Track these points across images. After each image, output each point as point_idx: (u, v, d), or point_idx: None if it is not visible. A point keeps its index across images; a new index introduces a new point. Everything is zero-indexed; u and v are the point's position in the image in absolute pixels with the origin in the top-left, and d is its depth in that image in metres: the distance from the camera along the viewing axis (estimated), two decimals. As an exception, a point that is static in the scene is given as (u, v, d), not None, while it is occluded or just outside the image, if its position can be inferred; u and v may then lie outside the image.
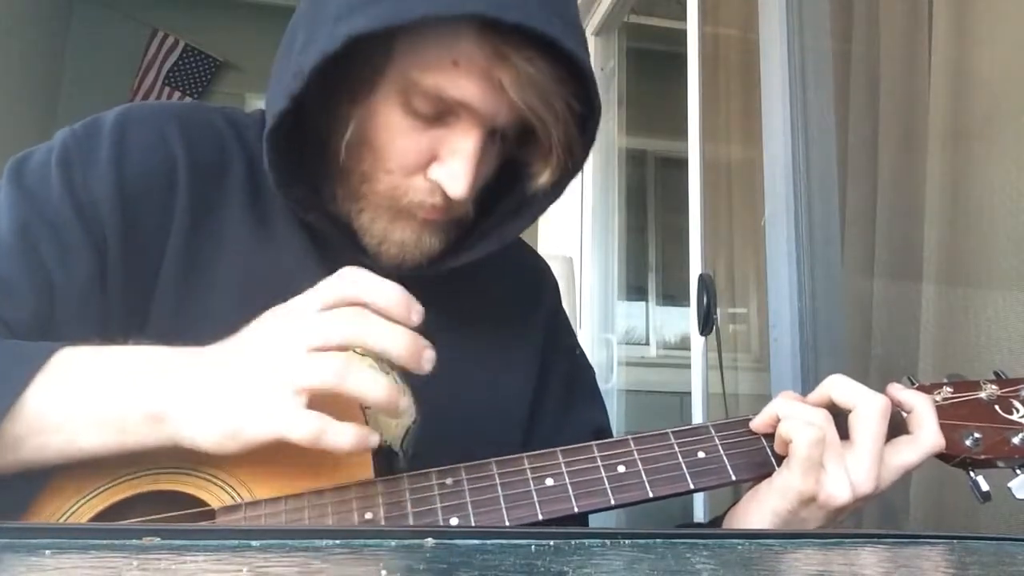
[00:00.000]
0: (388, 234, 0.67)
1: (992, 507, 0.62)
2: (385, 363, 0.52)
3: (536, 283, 0.85)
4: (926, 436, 0.61)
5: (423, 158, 0.64)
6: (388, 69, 0.62)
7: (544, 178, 0.67)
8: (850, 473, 0.58)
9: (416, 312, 0.53)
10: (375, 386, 0.50)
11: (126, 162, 0.64)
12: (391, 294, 0.52)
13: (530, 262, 0.87)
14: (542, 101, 0.61)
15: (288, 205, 0.68)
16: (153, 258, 0.64)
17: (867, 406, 0.60)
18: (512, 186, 0.71)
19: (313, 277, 0.68)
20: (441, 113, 0.62)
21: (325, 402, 0.51)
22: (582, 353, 0.87)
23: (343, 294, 0.52)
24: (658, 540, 0.40)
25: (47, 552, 0.32)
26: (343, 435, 0.50)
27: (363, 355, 0.52)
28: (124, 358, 0.55)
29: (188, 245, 0.65)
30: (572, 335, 0.87)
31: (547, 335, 0.81)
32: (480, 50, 0.59)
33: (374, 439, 0.52)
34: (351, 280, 0.53)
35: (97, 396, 0.53)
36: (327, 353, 0.50)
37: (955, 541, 0.47)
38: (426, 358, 0.52)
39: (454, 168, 0.63)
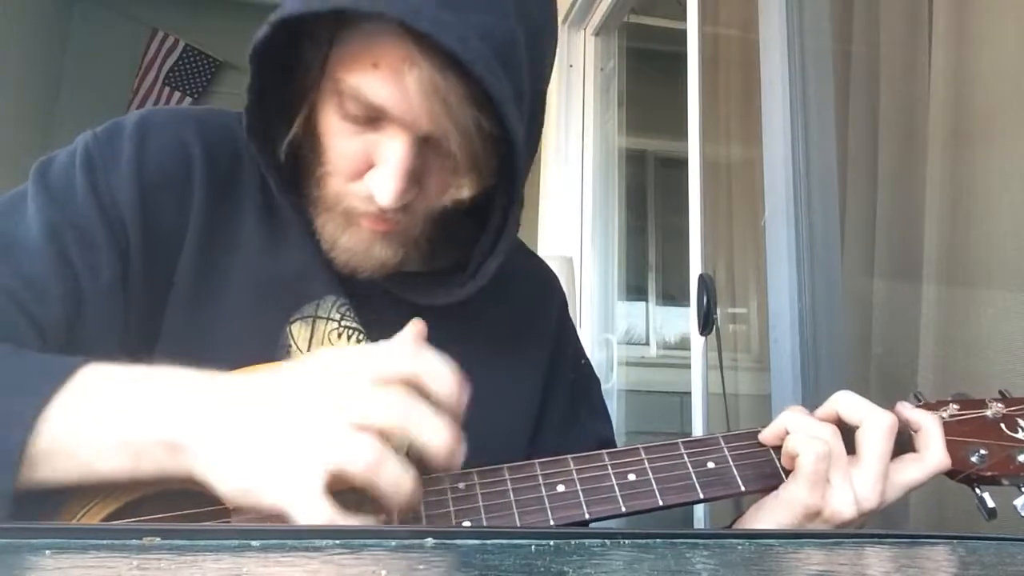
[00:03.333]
0: (337, 239, 0.67)
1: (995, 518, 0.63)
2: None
3: (544, 293, 0.85)
4: (932, 456, 0.61)
5: (360, 163, 0.63)
6: (324, 70, 0.62)
7: (462, 193, 0.65)
8: (855, 489, 0.59)
9: (464, 400, 0.52)
10: (400, 489, 0.49)
11: (146, 163, 0.65)
12: (447, 380, 0.51)
13: (538, 271, 0.87)
14: (446, 113, 0.59)
15: (294, 209, 0.68)
16: (170, 258, 0.65)
17: (874, 423, 0.61)
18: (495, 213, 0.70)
19: (324, 281, 0.68)
20: (370, 118, 0.62)
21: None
22: (588, 363, 0.86)
23: (400, 370, 0.50)
24: (658, 540, 0.40)
25: (47, 552, 0.32)
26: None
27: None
28: (149, 381, 0.54)
29: (203, 246, 0.66)
30: (579, 345, 0.87)
31: (554, 346, 0.81)
32: (396, 52, 0.58)
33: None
34: (410, 356, 0.51)
35: (116, 420, 0.52)
36: (364, 437, 0.48)
37: (955, 541, 0.47)
38: (458, 457, 0.51)
39: (382, 175, 0.62)
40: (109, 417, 0.52)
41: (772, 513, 0.60)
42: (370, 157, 0.63)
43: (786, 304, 1.47)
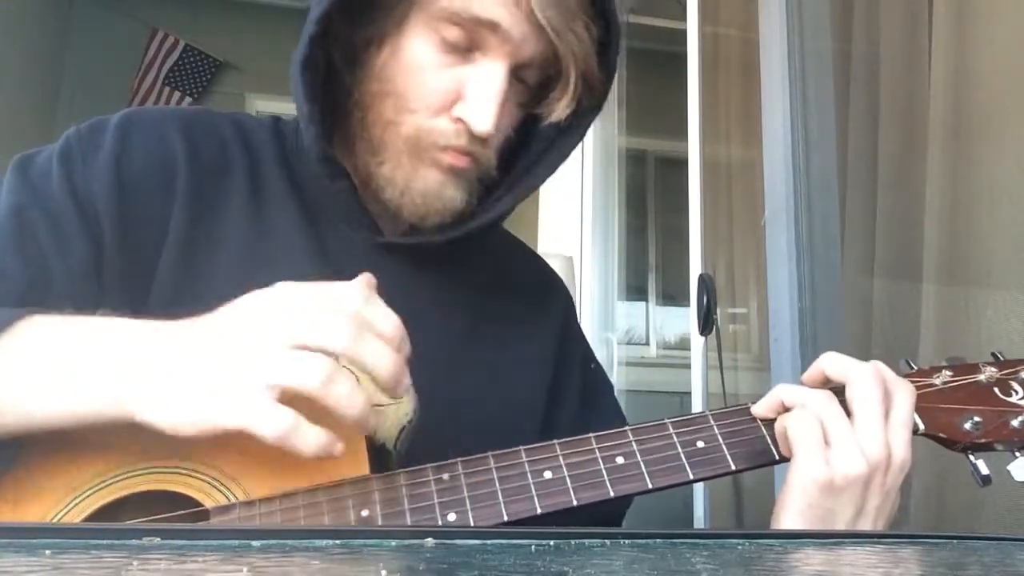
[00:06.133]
0: (410, 182, 0.67)
1: (991, 505, 0.62)
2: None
3: (549, 292, 0.86)
4: (899, 388, 0.60)
5: (448, 96, 0.64)
6: (416, 2, 0.63)
7: (561, 107, 0.66)
8: (859, 442, 0.57)
9: (405, 348, 0.52)
10: (352, 403, 0.49)
11: (126, 159, 0.65)
12: (391, 319, 0.51)
13: (543, 272, 0.88)
14: (566, 22, 0.61)
15: (320, 168, 0.68)
16: (151, 254, 0.65)
17: (858, 375, 0.60)
18: (529, 143, 0.71)
19: (314, 274, 0.68)
20: (469, 46, 0.63)
21: (303, 400, 0.49)
22: (599, 367, 0.86)
23: (349, 306, 0.51)
24: (658, 540, 0.40)
25: (47, 552, 0.32)
26: (309, 439, 0.49)
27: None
28: (89, 328, 0.54)
29: (187, 241, 0.66)
30: (588, 349, 0.87)
31: (560, 341, 0.81)
32: None
33: (338, 447, 0.50)
34: (357, 294, 0.52)
35: (56, 366, 0.52)
36: (314, 355, 0.49)
37: (955, 541, 0.47)
38: (403, 387, 0.51)
39: (480, 102, 0.63)
40: (49, 365, 0.52)
41: (789, 501, 0.58)
42: (460, 89, 0.64)
43: (786, 304, 1.47)
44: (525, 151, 0.72)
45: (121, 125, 0.67)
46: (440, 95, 0.64)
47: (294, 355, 0.49)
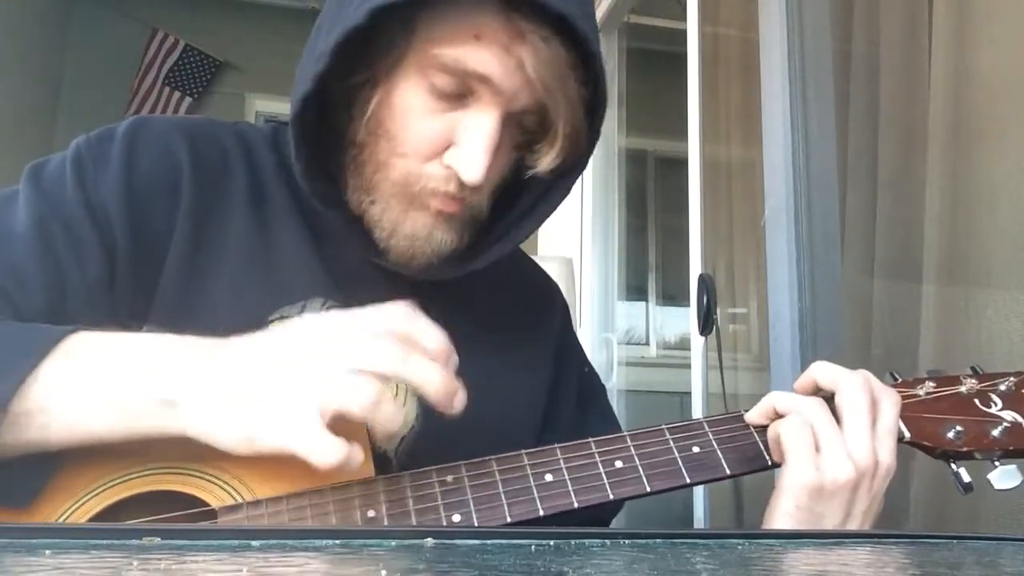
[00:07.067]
0: (399, 226, 0.67)
1: (991, 506, 0.63)
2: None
3: (547, 300, 0.87)
4: (886, 396, 0.62)
5: (439, 143, 0.64)
6: (409, 47, 0.62)
7: (546, 161, 0.66)
8: (848, 448, 0.59)
9: (453, 361, 0.53)
10: (395, 419, 0.50)
11: (134, 167, 0.66)
12: (437, 336, 0.53)
13: (540, 280, 0.89)
14: (556, 81, 0.62)
15: (312, 199, 0.68)
16: (156, 260, 0.66)
17: (848, 384, 0.62)
18: (523, 191, 0.72)
19: (315, 284, 0.69)
20: (460, 94, 0.63)
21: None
22: (592, 371, 0.88)
23: (394, 327, 0.52)
24: (658, 540, 0.41)
25: (47, 552, 0.32)
26: (357, 458, 0.50)
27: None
28: (141, 342, 0.55)
29: (190, 250, 0.67)
30: (582, 354, 0.88)
31: (558, 351, 0.82)
32: (501, 25, 0.60)
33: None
34: (401, 315, 0.53)
35: (109, 379, 0.53)
36: (363, 379, 0.50)
37: (954, 541, 0.47)
38: (458, 400, 0.52)
39: (470, 150, 0.62)
40: (102, 377, 0.53)
41: (779, 504, 0.60)
42: (451, 136, 0.63)
43: (786, 304, 1.47)
44: (520, 199, 0.72)
45: (128, 133, 0.68)
46: (431, 141, 0.64)
47: (344, 380, 0.50)
